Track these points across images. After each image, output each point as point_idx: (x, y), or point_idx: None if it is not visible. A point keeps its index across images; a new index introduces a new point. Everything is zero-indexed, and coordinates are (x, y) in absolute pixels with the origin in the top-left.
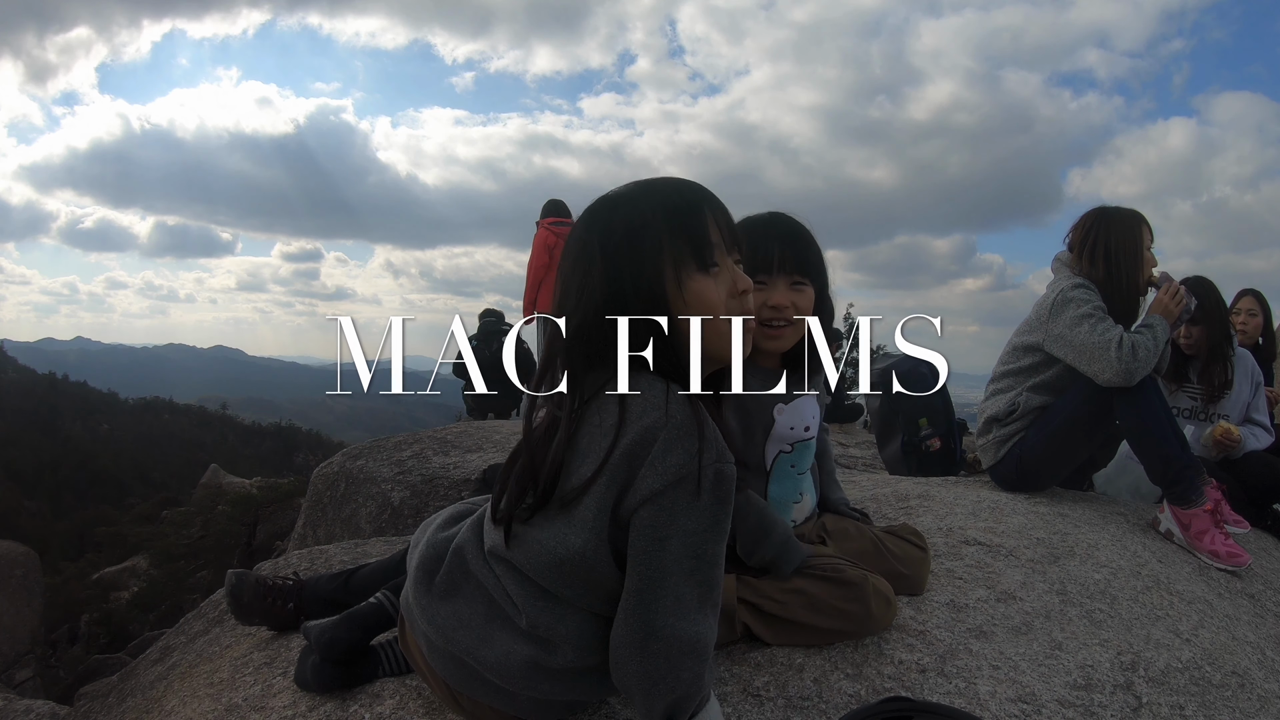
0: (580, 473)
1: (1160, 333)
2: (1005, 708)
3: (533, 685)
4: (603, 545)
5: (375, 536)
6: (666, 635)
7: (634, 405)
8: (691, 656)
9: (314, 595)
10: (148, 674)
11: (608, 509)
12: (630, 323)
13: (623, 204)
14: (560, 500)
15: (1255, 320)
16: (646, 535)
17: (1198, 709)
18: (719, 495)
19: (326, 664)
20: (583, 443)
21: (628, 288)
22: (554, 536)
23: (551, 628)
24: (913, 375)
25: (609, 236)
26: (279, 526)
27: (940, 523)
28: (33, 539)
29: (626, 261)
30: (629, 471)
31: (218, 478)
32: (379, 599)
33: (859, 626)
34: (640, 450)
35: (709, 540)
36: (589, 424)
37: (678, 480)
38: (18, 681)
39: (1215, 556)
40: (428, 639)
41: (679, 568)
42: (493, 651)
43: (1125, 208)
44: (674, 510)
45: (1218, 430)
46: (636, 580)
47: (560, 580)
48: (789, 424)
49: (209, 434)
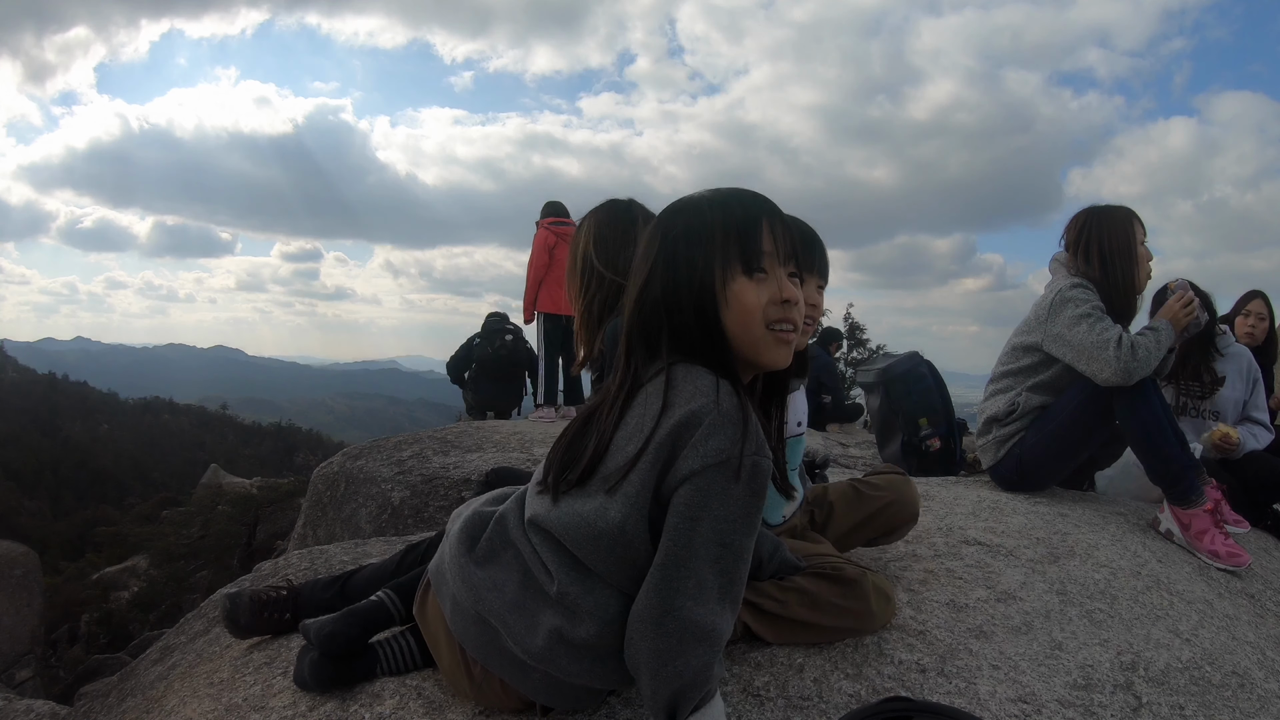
0: (626, 450)
1: (1164, 337)
2: (1005, 708)
3: (550, 659)
4: (642, 521)
5: (375, 536)
6: (683, 616)
7: (683, 389)
8: (704, 644)
9: (310, 602)
10: (148, 674)
11: (650, 486)
12: (684, 318)
13: (689, 208)
14: (604, 475)
15: (1263, 324)
16: (680, 513)
17: (1198, 709)
18: (754, 487)
19: (325, 660)
20: (632, 423)
21: (681, 282)
22: (595, 510)
23: (580, 598)
24: (912, 375)
25: (670, 234)
26: (279, 526)
27: (940, 523)
28: (33, 539)
29: (683, 258)
30: (672, 450)
31: (218, 478)
32: (380, 597)
33: (859, 624)
34: (686, 431)
35: (738, 530)
36: (638, 405)
37: (717, 464)
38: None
39: (1215, 556)
40: (455, 601)
41: (705, 551)
42: (520, 619)
43: (1116, 205)
44: (709, 492)
45: (1216, 434)
46: (663, 556)
47: (596, 553)
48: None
49: (209, 434)
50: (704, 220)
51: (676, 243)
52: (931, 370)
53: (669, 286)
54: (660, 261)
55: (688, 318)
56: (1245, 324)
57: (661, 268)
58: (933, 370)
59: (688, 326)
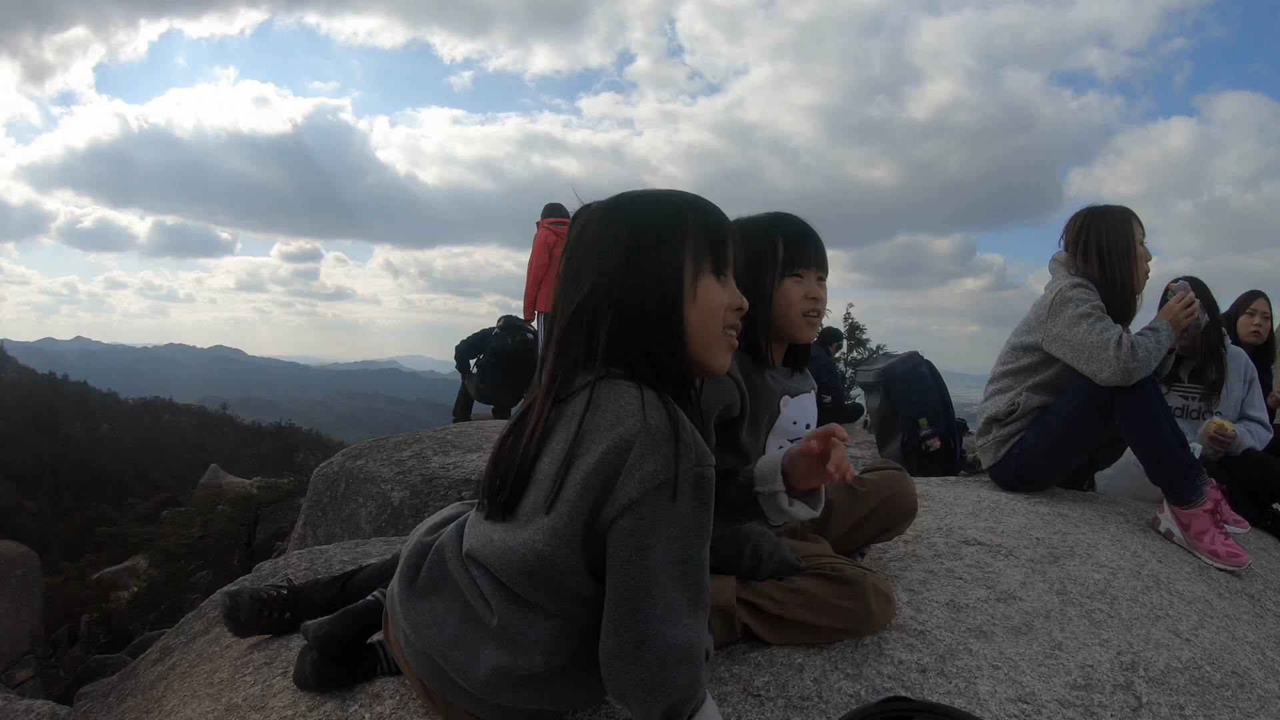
0: (549, 477)
1: (1165, 337)
2: (1005, 708)
3: (497, 692)
4: (574, 553)
5: (375, 536)
6: (659, 643)
7: (606, 411)
8: (686, 662)
9: (310, 603)
10: (148, 674)
11: (581, 518)
12: (641, 312)
13: (654, 199)
14: (529, 507)
15: (1267, 324)
16: (628, 544)
17: (1198, 709)
18: (700, 499)
19: (325, 660)
20: (556, 447)
21: (647, 271)
22: (524, 543)
23: (522, 632)
24: (912, 375)
25: (639, 224)
26: (279, 526)
27: (940, 523)
28: (33, 539)
29: (653, 247)
30: (605, 481)
31: (218, 478)
32: (376, 596)
33: (859, 624)
34: (616, 459)
35: (693, 544)
36: (562, 426)
37: (656, 487)
38: (18, 681)
39: (1215, 556)
40: (405, 635)
41: (665, 575)
42: (461, 653)
43: (1114, 205)
44: (654, 517)
45: (1211, 427)
46: (622, 590)
47: (531, 585)
48: (792, 417)
49: (209, 434)
50: (678, 213)
51: (645, 232)
52: (931, 370)
53: (632, 276)
54: (623, 250)
55: (647, 311)
56: (1250, 323)
57: (624, 257)
58: (933, 370)
59: (639, 323)
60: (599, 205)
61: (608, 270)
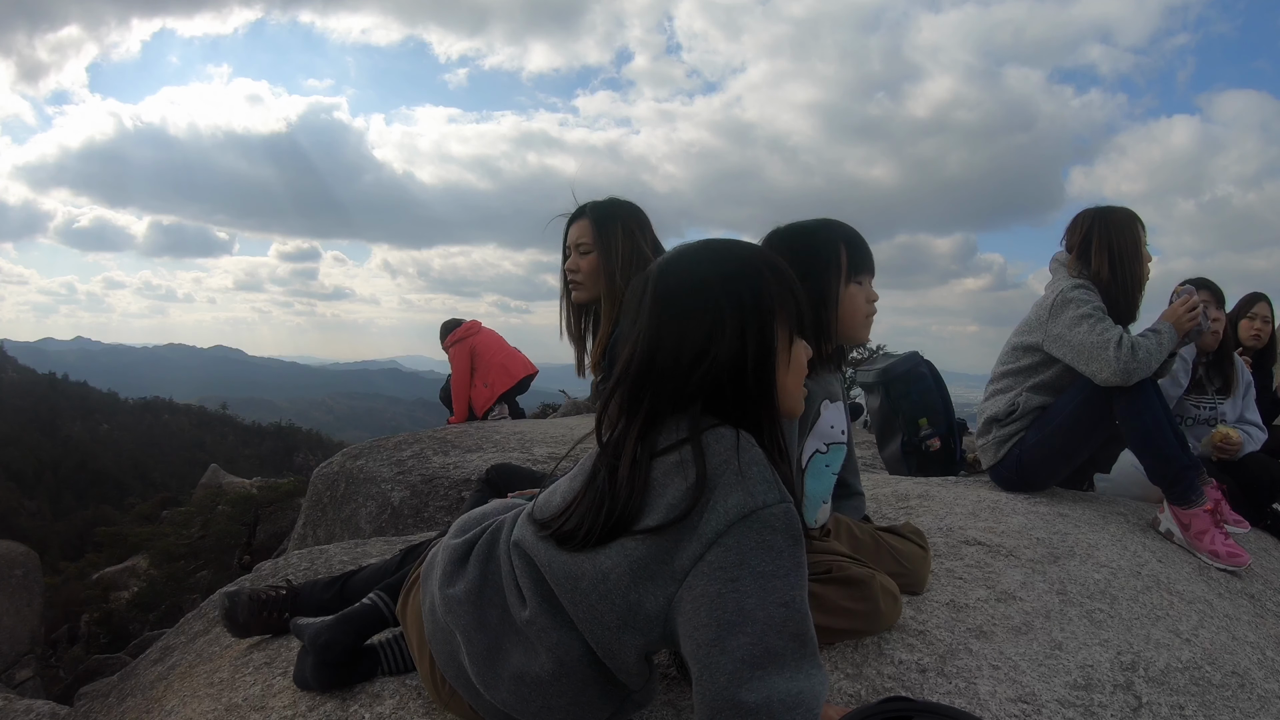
0: (649, 519)
1: (1166, 340)
2: (1005, 708)
3: (500, 688)
4: (628, 576)
5: (375, 536)
6: (757, 701)
7: (711, 457)
8: (798, 710)
9: (309, 603)
10: (148, 674)
11: (656, 552)
12: (742, 378)
13: (753, 272)
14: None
15: (1268, 327)
16: (717, 578)
17: (1198, 709)
18: (791, 535)
19: (325, 663)
20: (656, 491)
21: (751, 342)
22: (586, 555)
23: (545, 630)
24: (912, 375)
25: (742, 297)
26: (279, 526)
27: (940, 523)
28: (33, 539)
29: (755, 322)
30: (689, 519)
31: (218, 478)
32: (372, 600)
33: (867, 624)
34: (705, 498)
35: (790, 585)
36: (665, 471)
37: (741, 518)
38: (18, 681)
39: (1215, 556)
40: (432, 603)
41: (760, 613)
42: (484, 639)
43: (1120, 207)
44: (742, 550)
45: (1216, 436)
46: (711, 630)
47: (570, 592)
48: (830, 422)
49: (209, 434)
50: (770, 285)
51: (745, 303)
52: (931, 370)
53: (738, 348)
54: (730, 317)
55: (748, 378)
56: (1251, 326)
57: (732, 331)
58: (933, 370)
59: (739, 386)
60: (687, 260)
61: (715, 344)
